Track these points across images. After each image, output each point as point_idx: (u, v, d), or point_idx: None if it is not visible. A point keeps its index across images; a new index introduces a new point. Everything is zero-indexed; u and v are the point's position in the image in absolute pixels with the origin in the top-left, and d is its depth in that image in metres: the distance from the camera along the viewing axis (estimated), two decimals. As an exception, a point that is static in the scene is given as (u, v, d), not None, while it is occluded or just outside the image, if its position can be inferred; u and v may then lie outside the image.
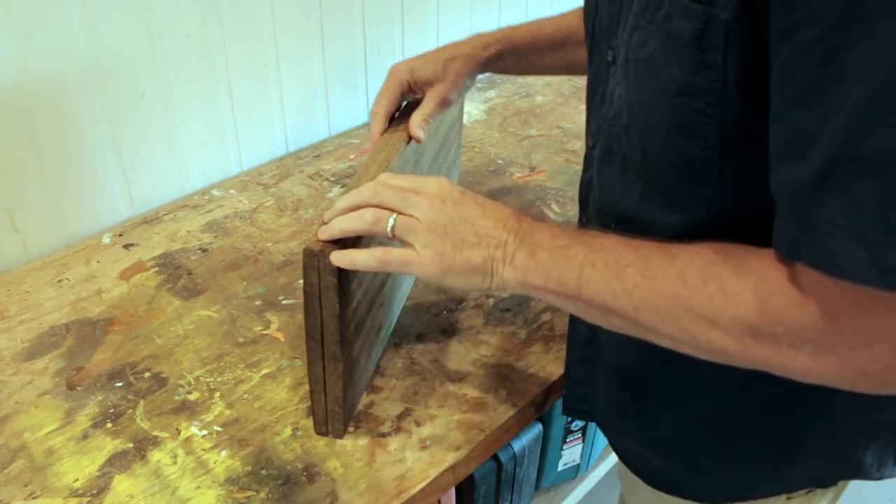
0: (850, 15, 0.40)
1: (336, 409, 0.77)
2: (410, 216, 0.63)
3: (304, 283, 0.69)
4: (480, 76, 1.65)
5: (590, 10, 0.68)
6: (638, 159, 0.59)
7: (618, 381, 0.74)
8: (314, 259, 0.67)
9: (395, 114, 0.90)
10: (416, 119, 0.85)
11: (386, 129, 0.87)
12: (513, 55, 0.88)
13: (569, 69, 0.91)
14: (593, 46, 0.67)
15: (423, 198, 0.63)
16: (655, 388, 0.71)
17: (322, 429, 0.79)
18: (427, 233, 0.62)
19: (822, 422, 0.65)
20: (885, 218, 0.41)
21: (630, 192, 0.62)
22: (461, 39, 0.89)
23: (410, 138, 0.85)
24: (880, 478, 0.69)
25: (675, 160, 0.55)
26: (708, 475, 0.71)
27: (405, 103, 0.92)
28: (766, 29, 0.45)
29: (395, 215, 0.63)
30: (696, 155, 0.53)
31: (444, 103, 0.86)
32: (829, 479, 0.69)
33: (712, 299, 0.50)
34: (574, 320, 0.79)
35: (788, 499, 0.70)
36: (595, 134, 0.68)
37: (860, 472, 0.68)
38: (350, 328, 0.74)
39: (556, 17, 0.90)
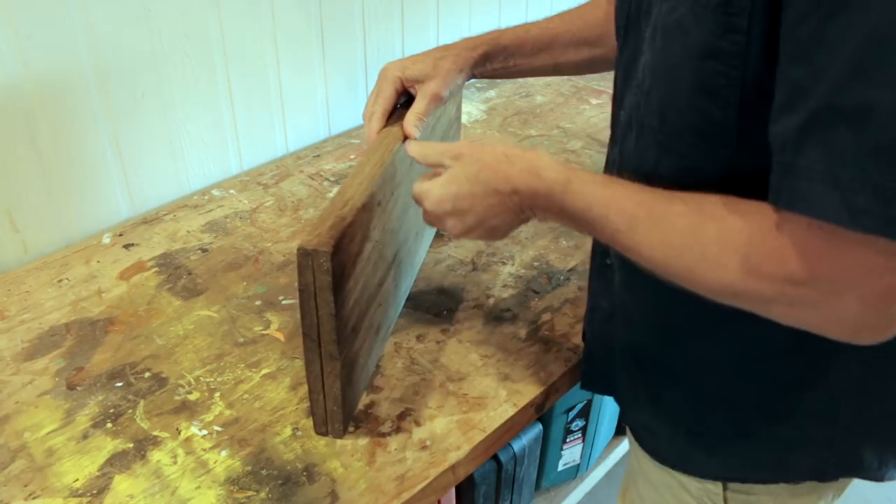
0: None
1: (335, 409, 0.77)
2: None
3: (299, 282, 0.69)
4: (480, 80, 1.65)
5: (621, 4, 0.70)
6: (655, 124, 0.61)
7: (632, 355, 0.76)
8: (308, 258, 0.67)
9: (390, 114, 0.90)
10: (410, 118, 0.86)
11: (381, 130, 0.87)
12: (500, 56, 0.90)
13: (556, 70, 0.93)
14: (628, 27, 0.69)
15: (436, 219, 0.73)
16: (666, 364, 0.72)
17: (322, 429, 0.79)
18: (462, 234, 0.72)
19: (823, 405, 0.66)
20: (859, 165, 0.45)
21: (644, 158, 0.64)
22: (451, 43, 0.90)
23: (405, 137, 0.85)
24: (881, 479, 0.70)
25: (696, 122, 0.57)
26: (713, 451, 0.73)
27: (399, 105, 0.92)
28: None
29: None
30: (715, 116, 0.56)
31: (436, 100, 0.87)
32: (828, 471, 0.69)
33: (697, 263, 0.55)
34: (595, 295, 0.80)
35: (791, 494, 0.71)
36: (626, 108, 0.69)
37: (860, 470, 0.69)
38: (347, 328, 0.74)
39: (543, 21, 0.91)
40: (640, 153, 0.65)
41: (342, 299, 0.71)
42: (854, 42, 0.44)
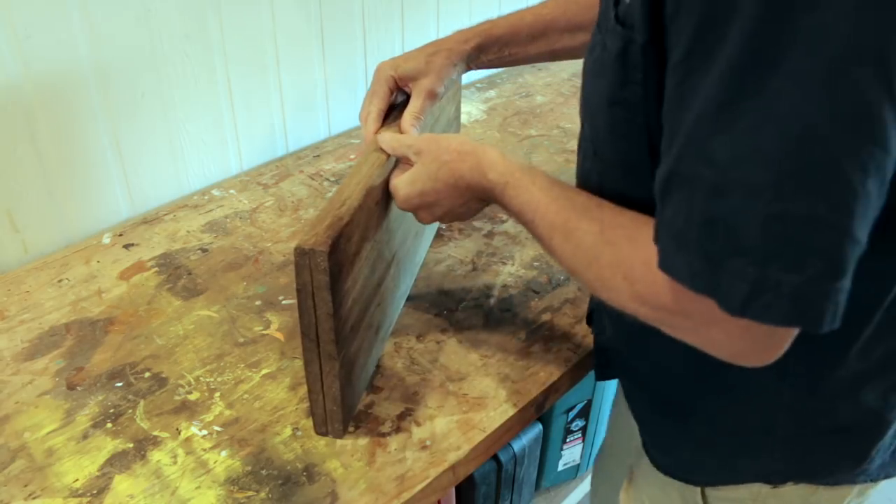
0: (691, 50, 0.46)
1: (335, 409, 0.77)
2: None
3: (297, 281, 0.69)
4: (479, 76, 1.65)
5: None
6: (591, 153, 0.66)
7: (612, 351, 0.82)
8: (306, 258, 0.67)
9: (386, 113, 0.90)
10: (406, 117, 0.87)
11: (379, 130, 0.88)
12: (494, 47, 0.90)
13: (553, 56, 0.93)
14: (597, 31, 0.70)
15: (403, 209, 0.78)
16: (634, 368, 0.78)
17: (322, 429, 0.79)
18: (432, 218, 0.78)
19: (759, 418, 0.68)
20: (694, 231, 0.47)
21: (590, 178, 0.68)
22: (444, 37, 0.90)
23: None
24: (836, 484, 0.71)
25: (618, 158, 0.62)
26: (667, 452, 0.78)
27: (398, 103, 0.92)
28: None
29: None
30: (632, 155, 0.59)
31: (431, 97, 0.88)
32: (774, 477, 0.71)
33: (594, 281, 0.61)
34: None
35: (773, 486, 0.72)
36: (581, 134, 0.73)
37: (811, 477, 0.70)
38: (346, 327, 0.74)
39: (537, 6, 0.91)
40: (586, 174, 0.69)
41: (340, 299, 0.71)
42: (693, 111, 0.46)
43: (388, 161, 0.81)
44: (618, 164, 0.62)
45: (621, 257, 0.57)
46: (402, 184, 0.77)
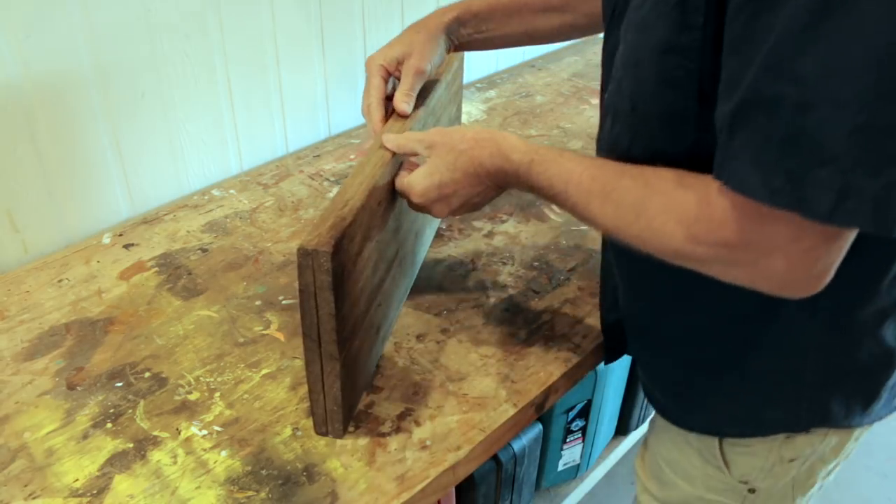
0: None
1: (335, 409, 0.77)
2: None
3: (300, 282, 0.69)
4: (479, 76, 1.65)
5: None
6: (627, 110, 0.66)
7: (628, 325, 0.84)
8: (308, 258, 0.67)
9: (387, 104, 0.91)
10: (398, 97, 0.89)
11: (384, 117, 0.89)
12: (472, 21, 0.93)
13: (530, 37, 0.96)
14: (613, 18, 0.73)
15: (423, 207, 0.79)
16: (654, 333, 0.80)
17: (322, 429, 0.79)
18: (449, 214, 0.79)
19: (788, 364, 0.71)
20: (774, 150, 0.51)
21: (618, 141, 0.69)
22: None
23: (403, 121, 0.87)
24: (848, 426, 0.74)
25: (660, 110, 0.63)
26: (696, 409, 0.80)
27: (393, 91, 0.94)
28: None
29: None
30: (677, 105, 0.61)
31: (419, 74, 0.90)
32: (799, 424, 0.74)
33: (644, 232, 0.62)
34: (607, 264, 0.86)
35: (787, 437, 0.75)
36: (607, 101, 0.74)
37: (828, 420, 0.74)
38: (347, 327, 0.74)
39: None
40: (615, 136, 0.70)
41: (342, 299, 0.71)
42: (771, 39, 0.49)
43: (393, 160, 0.81)
44: (659, 116, 0.63)
45: (672, 202, 0.60)
46: (417, 178, 0.77)
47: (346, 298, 0.72)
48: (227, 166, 1.27)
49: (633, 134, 0.67)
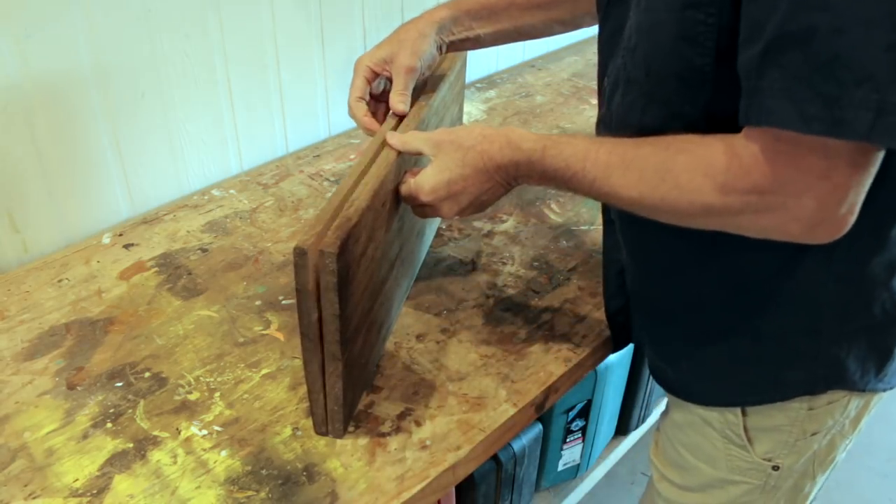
0: None
1: (336, 409, 0.77)
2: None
3: (296, 281, 0.69)
4: (479, 76, 1.65)
5: None
6: (641, 77, 0.68)
7: (637, 302, 0.84)
8: (304, 258, 0.67)
9: (370, 98, 0.92)
10: (393, 97, 0.90)
11: (369, 111, 0.90)
12: (463, 19, 0.93)
13: (519, 33, 0.97)
14: (614, 4, 0.75)
15: (430, 208, 0.79)
16: (665, 306, 0.81)
17: (322, 429, 0.79)
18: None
19: (805, 321, 0.73)
20: (808, 79, 0.52)
21: (632, 110, 0.70)
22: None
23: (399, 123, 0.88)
24: (864, 388, 0.76)
25: (678, 68, 0.64)
26: (712, 380, 0.80)
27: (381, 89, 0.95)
28: None
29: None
30: (695, 62, 0.62)
31: (410, 72, 0.90)
32: (818, 385, 0.75)
33: (671, 191, 0.63)
34: (609, 249, 0.88)
35: (810, 409, 0.76)
36: (611, 74, 0.75)
37: (845, 381, 0.75)
38: (350, 328, 0.74)
39: None
40: (627, 107, 0.71)
41: (346, 300, 0.71)
42: None
43: (397, 160, 0.81)
44: (676, 75, 0.64)
45: (698, 157, 0.61)
46: (426, 177, 0.77)
47: (350, 299, 0.72)
48: (227, 166, 1.27)
49: (647, 100, 0.68)
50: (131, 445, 0.78)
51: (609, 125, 0.75)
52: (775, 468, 0.81)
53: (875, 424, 0.87)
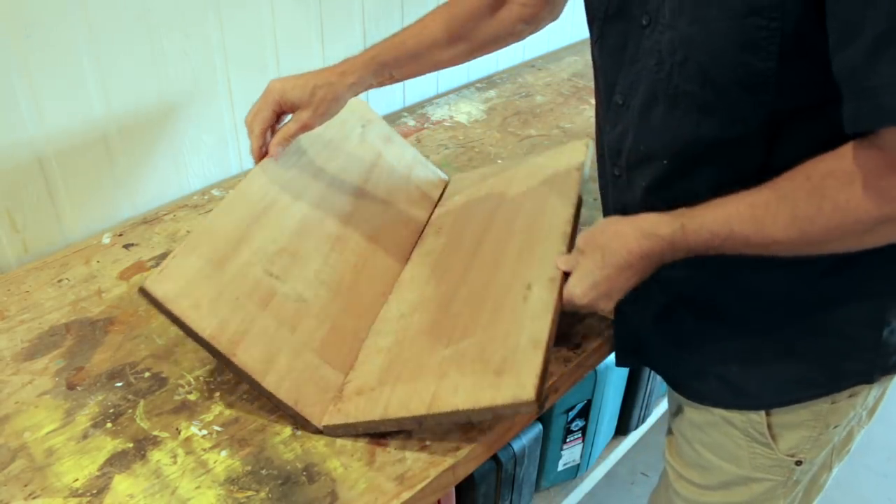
0: None
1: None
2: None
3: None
4: (479, 76, 1.65)
5: None
6: (695, 89, 0.67)
7: (674, 305, 0.81)
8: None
9: (270, 130, 0.94)
10: (276, 139, 0.93)
11: (263, 145, 0.93)
12: (382, 72, 0.95)
13: (435, 68, 0.99)
14: (613, 19, 0.75)
15: (588, 308, 0.79)
16: (712, 303, 0.79)
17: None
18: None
19: (871, 312, 0.73)
20: None
21: (682, 125, 0.70)
22: (334, 64, 0.94)
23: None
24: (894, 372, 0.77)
25: (740, 75, 0.63)
26: (766, 379, 0.79)
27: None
28: None
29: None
30: (758, 67, 0.62)
31: (306, 128, 0.93)
32: (875, 373, 0.76)
33: (833, 217, 0.60)
34: None
35: (833, 403, 0.78)
36: (627, 90, 0.75)
37: (889, 368, 0.76)
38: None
39: (416, 27, 0.96)
40: (675, 122, 0.70)
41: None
42: None
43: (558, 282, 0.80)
44: (739, 82, 0.64)
45: (845, 174, 0.59)
46: (573, 284, 0.78)
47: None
48: (227, 166, 1.27)
49: (703, 111, 0.68)
50: (131, 445, 0.78)
51: (632, 145, 0.75)
52: (798, 463, 0.82)
53: (875, 424, 0.87)
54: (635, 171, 0.78)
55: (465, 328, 0.81)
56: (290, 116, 0.94)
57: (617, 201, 0.83)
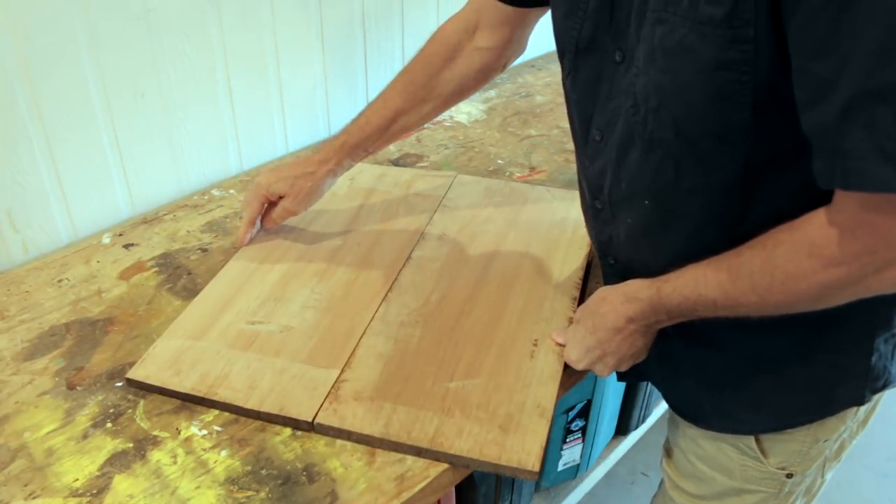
0: None
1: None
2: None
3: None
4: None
5: (570, 27, 0.74)
6: (669, 136, 0.66)
7: (667, 331, 0.80)
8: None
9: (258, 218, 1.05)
10: (268, 223, 1.05)
11: (247, 232, 1.04)
12: (357, 152, 1.01)
13: (409, 130, 1.03)
14: (584, 53, 0.74)
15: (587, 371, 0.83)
16: (706, 331, 0.78)
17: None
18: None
19: (860, 338, 0.74)
20: None
21: (660, 169, 0.69)
22: (311, 154, 1.02)
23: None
24: (884, 388, 0.77)
25: (714, 127, 0.63)
26: (758, 406, 0.80)
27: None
28: None
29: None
30: (732, 119, 0.61)
31: (289, 213, 1.03)
32: (866, 396, 0.76)
33: (785, 285, 0.61)
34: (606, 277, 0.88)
35: (822, 421, 0.78)
36: (604, 127, 0.74)
37: (888, 384, 0.77)
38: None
39: (379, 102, 0.99)
40: (653, 166, 0.70)
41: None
42: (874, 27, 0.49)
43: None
44: (713, 133, 0.63)
45: (795, 243, 0.60)
46: (569, 350, 0.83)
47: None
48: (226, 166, 1.27)
49: (677, 160, 0.67)
50: (131, 445, 0.78)
51: (612, 183, 0.75)
52: (789, 476, 0.82)
53: (875, 424, 0.87)
54: (618, 206, 0.77)
55: (470, 367, 0.84)
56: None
57: (601, 232, 0.82)
